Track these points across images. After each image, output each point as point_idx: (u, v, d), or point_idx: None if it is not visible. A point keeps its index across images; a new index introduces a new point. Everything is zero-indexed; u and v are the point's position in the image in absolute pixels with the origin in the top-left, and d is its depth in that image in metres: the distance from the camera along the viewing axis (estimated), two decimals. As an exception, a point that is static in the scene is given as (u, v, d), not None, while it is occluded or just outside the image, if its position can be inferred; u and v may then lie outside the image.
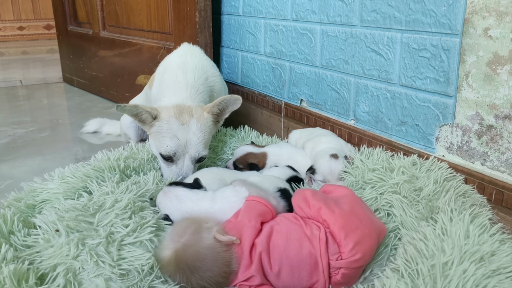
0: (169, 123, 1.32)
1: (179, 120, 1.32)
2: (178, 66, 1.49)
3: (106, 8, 2.58)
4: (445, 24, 1.13)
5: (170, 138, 1.31)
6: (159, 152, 1.33)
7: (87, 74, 2.93)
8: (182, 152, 1.33)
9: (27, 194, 1.16)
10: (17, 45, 5.63)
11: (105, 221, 0.96)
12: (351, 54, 1.44)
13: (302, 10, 1.60)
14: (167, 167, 1.35)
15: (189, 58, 1.52)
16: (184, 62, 1.51)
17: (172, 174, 1.33)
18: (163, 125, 1.32)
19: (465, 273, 0.75)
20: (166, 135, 1.31)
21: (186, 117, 1.33)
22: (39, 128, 2.20)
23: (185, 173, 1.33)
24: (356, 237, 0.89)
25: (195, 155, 1.34)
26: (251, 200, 1.01)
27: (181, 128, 1.32)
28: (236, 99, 1.39)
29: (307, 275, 0.88)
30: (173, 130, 1.31)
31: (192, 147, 1.33)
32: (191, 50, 1.58)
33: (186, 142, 1.32)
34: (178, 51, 1.59)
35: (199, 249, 0.87)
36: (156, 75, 1.57)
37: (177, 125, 1.32)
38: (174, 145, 1.31)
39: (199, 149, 1.34)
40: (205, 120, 1.36)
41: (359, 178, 1.21)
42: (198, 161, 1.36)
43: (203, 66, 1.53)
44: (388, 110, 1.34)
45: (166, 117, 1.32)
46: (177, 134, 1.31)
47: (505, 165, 1.05)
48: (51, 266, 0.87)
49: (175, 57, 1.56)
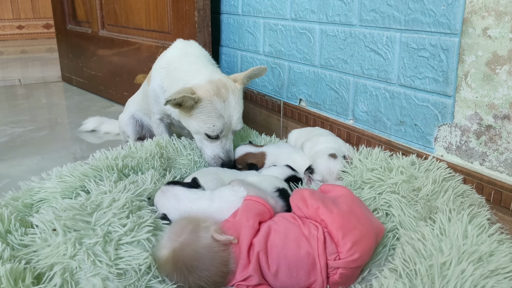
0: (212, 103, 1.34)
1: (219, 97, 1.36)
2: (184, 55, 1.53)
3: (105, 7, 2.58)
4: (444, 24, 1.13)
5: (217, 118, 1.35)
6: (204, 132, 1.37)
7: (86, 73, 2.92)
8: (227, 130, 1.39)
9: (25, 193, 1.15)
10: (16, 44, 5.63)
11: (103, 220, 0.95)
12: (350, 53, 1.43)
13: (301, 10, 1.60)
14: (210, 144, 1.41)
15: (190, 49, 1.56)
16: (186, 53, 1.54)
17: (216, 150, 1.41)
18: (207, 105, 1.35)
19: (463, 273, 0.75)
20: (212, 115, 1.35)
21: (224, 92, 1.37)
22: (37, 127, 2.19)
23: (229, 146, 1.42)
24: (354, 237, 0.88)
25: (235, 129, 1.42)
26: (249, 199, 1.01)
27: (223, 106, 1.36)
28: (264, 69, 1.46)
29: (305, 275, 0.88)
30: (217, 109, 1.35)
31: (234, 122, 1.40)
32: (188, 43, 1.61)
33: (229, 118, 1.38)
34: (176, 46, 1.61)
35: (196, 249, 0.87)
36: (158, 70, 1.57)
37: (220, 104, 1.35)
38: (221, 124, 1.36)
39: (239, 122, 1.42)
40: (239, 92, 1.43)
41: (357, 177, 1.20)
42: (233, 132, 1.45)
43: (206, 54, 1.59)
44: (387, 110, 1.34)
45: (208, 97, 1.34)
46: (222, 113, 1.36)
47: (504, 165, 1.05)
48: (48, 265, 0.87)
49: (175, 50, 1.58)
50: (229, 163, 1.43)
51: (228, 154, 1.42)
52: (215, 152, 1.42)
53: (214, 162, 1.43)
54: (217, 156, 1.42)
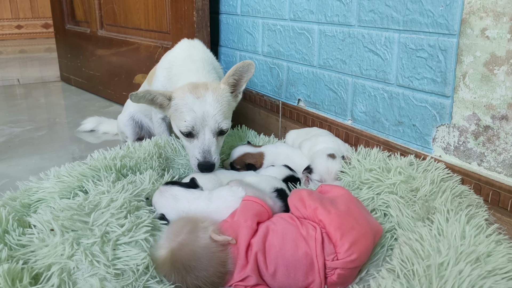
0: (183, 99, 1.31)
1: (194, 94, 1.31)
2: (186, 57, 1.52)
3: (103, 7, 2.57)
4: (442, 25, 1.13)
5: (186, 113, 1.29)
6: (179, 130, 1.32)
7: (84, 73, 2.92)
8: (201, 125, 1.30)
9: (23, 193, 1.15)
10: (15, 43, 5.62)
11: (101, 220, 0.95)
12: (348, 54, 1.43)
13: (300, 10, 1.60)
14: (190, 144, 1.33)
15: (194, 50, 1.55)
16: (189, 54, 1.53)
17: (192, 150, 1.31)
18: (178, 102, 1.32)
19: (460, 274, 0.75)
20: (183, 111, 1.30)
21: (201, 90, 1.32)
22: (36, 127, 2.19)
23: (207, 146, 1.30)
24: (352, 238, 0.88)
25: (214, 127, 1.30)
26: (248, 200, 1.01)
27: (196, 101, 1.30)
28: (249, 64, 1.36)
29: (303, 276, 0.88)
30: (188, 104, 1.30)
31: (210, 119, 1.30)
32: (193, 44, 1.60)
33: (203, 114, 1.29)
34: (180, 46, 1.61)
35: (194, 249, 0.87)
36: (161, 71, 1.58)
37: (192, 99, 1.30)
38: (191, 119, 1.29)
39: (218, 119, 1.30)
40: (222, 91, 1.34)
41: (356, 178, 1.20)
42: (219, 134, 1.34)
43: (209, 57, 1.57)
44: (385, 110, 1.34)
45: (180, 94, 1.32)
46: (193, 107, 1.29)
47: (501, 166, 1.05)
48: (45, 265, 0.87)
49: (180, 51, 1.58)
50: (207, 165, 1.29)
51: (204, 154, 1.29)
52: (192, 152, 1.32)
53: (193, 165, 1.32)
54: (193, 156, 1.31)
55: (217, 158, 1.32)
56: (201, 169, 1.30)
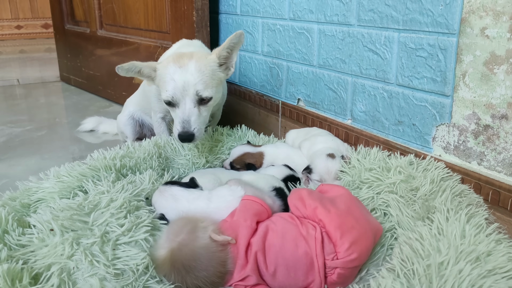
0: (166, 68, 1.31)
1: (176, 63, 1.31)
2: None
3: (103, 7, 2.57)
4: (442, 24, 1.13)
5: (167, 82, 1.30)
6: (163, 99, 1.34)
7: (84, 73, 2.92)
8: (182, 95, 1.30)
9: (22, 193, 1.15)
10: (14, 44, 5.62)
11: (100, 220, 0.95)
12: (348, 53, 1.43)
13: (299, 10, 1.60)
14: (172, 112, 1.35)
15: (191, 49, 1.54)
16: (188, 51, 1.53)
17: (176, 119, 1.31)
18: (161, 71, 1.33)
19: (460, 273, 0.75)
20: (165, 80, 1.31)
21: (185, 60, 1.31)
22: (36, 127, 2.19)
23: (187, 116, 1.29)
24: (352, 237, 0.88)
25: (193, 96, 1.30)
26: (247, 199, 1.01)
27: (178, 70, 1.30)
28: (240, 34, 1.36)
29: (303, 275, 0.88)
30: (170, 73, 1.30)
31: (191, 88, 1.29)
32: (192, 43, 1.61)
33: (183, 83, 1.29)
34: (178, 45, 1.62)
35: (194, 249, 0.87)
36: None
37: (173, 68, 1.30)
38: (171, 88, 1.29)
39: (198, 88, 1.29)
40: (207, 61, 1.33)
41: (356, 177, 1.20)
42: (201, 102, 1.33)
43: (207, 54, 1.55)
44: (385, 109, 1.34)
45: (164, 64, 1.33)
46: (174, 77, 1.29)
47: (501, 165, 1.05)
48: (45, 265, 0.87)
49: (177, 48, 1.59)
50: (185, 135, 1.29)
51: (184, 124, 1.28)
52: (174, 123, 1.32)
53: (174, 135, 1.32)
54: (175, 127, 1.31)
55: (197, 128, 1.31)
56: (180, 139, 1.30)
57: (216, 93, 1.36)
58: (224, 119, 1.84)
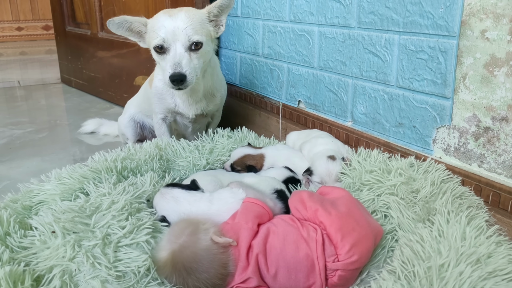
0: (157, 19, 1.38)
1: (167, 14, 1.37)
2: None
3: (104, 9, 2.58)
4: (442, 26, 1.13)
5: (158, 29, 1.34)
6: (152, 47, 1.37)
7: (85, 75, 2.93)
8: (172, 40, 1.34)
9: (24, 195, 1.15)
10: (15, 45, 5.63)
11: (102, 222, 0.96)
12: (348, 55, 1.44)
13: (300, 12, 1.60)
14: (163, 61, 1.37)
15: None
16: None
17: (167, 64, 1.33)
18: (152, 23, 1.38)
19: (461, 275, 0.75)
20: (156, 29, 1.36)
21: (175, 11, 1.38)
22: (37, 129, 2.19)
23: (178, 59, 1.32)
24: (352, 239, 0.88)
25: (185, 40, 1.34)
26: (248, 201, 1.01)
27: (168, 18, 1.35)
28: None
29: (304, 277, 0.88)
30: (160, 21, 1.35)
31: (181, 32, 1.33)
32: None
33: (174, 28, 1.33)
34: None
35: (196, 251, 0.87)
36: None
37: (164, 17, 1.36)
38: (162, 33, 1.33)
39: (189, 33, 1.33)
40: (197, 12, 1.40)
41: (356, 179, 1.20)
42: (192, 49, 1.36)
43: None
44: (385, 111, 1.34)
45: (155, 17, 1.38)
46: (164, 23, 1.34)
47: (502, 167, 1.05)
48: (47, 267, 0.87)
49: None
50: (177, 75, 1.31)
51: (175, 66, 1.31)
52: (164, 67, 1.35)
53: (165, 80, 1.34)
54: (166, 71, 1.33)
55: (189, 71, 1.33)
56: (172, 81, 1.32)
57: (207, 44, 1.40)
58: (224, 121, 1.85)
